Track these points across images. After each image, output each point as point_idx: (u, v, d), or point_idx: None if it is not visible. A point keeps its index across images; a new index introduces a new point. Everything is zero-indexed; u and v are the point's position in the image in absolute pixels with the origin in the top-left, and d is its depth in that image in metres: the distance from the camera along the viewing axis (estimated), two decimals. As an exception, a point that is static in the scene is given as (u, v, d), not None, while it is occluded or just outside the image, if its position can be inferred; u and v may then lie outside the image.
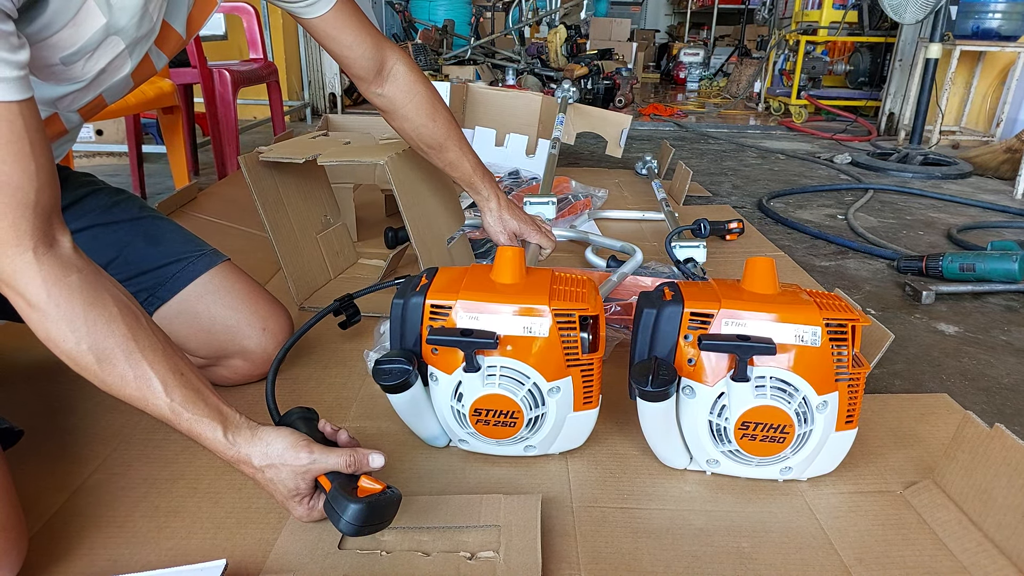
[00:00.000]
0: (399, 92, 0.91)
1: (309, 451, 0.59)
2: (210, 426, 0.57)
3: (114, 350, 0.54)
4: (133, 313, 0.57)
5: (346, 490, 0.58)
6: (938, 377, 0.99)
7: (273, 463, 0.59)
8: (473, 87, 2.10)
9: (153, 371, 0.56)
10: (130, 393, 0.55)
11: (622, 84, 3.82)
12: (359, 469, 0.61)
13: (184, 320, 0.81)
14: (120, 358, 0.55)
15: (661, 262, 1.27)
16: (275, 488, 0.60)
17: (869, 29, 3.42)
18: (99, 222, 0.81)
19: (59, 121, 0.70)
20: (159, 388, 0.55)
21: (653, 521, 0.65)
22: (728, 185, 2.18)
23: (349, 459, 0.60)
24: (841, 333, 0.65)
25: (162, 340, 0.58)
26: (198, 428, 0.57)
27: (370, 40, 0.87)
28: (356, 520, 0.56)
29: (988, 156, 2.47)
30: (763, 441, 0.66)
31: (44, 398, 0.84)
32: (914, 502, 0.68)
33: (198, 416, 0.57)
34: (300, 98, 3.38)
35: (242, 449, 0.58)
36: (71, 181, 0.83)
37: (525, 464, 0.74)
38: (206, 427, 0.57)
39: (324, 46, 0.86)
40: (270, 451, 0.59)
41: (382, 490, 0.59)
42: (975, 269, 1.29)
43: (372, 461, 0.61)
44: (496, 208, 1.01)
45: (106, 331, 0.54)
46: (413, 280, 0.73)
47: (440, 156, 0.97)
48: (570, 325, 0.67)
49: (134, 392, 0.55)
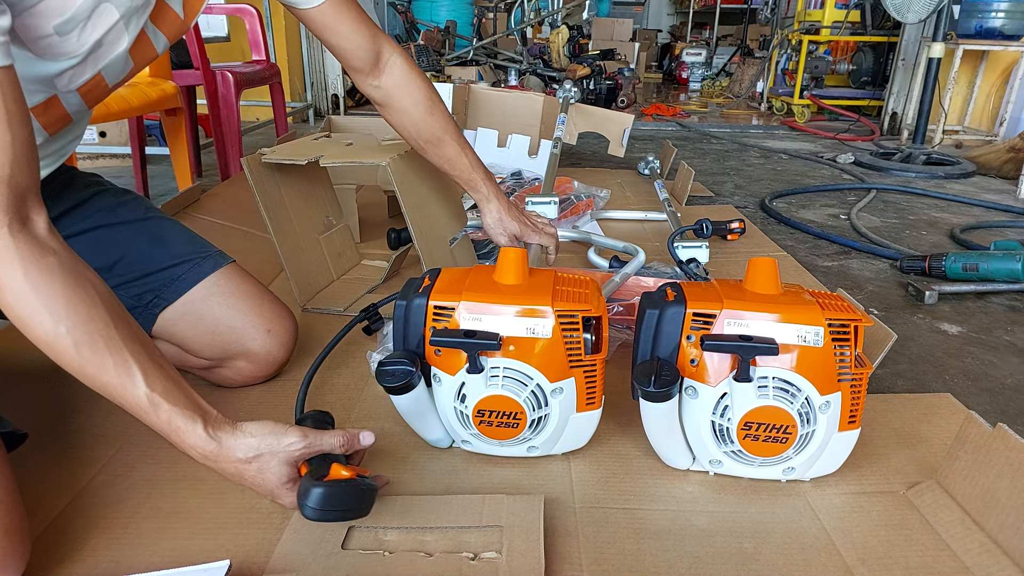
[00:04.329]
0: (396, 84, 0.91)
1: (302, 435, 0.58)
2: (190, 419, 0.55)
3: (94, 335, 0.52)
4: (114, 299, 0.56)
5: (316, 476, 0.57)
6: (941, 377, 0.99)
7: (261, 453, 0.57)
8: (475, 88, 2.10)
9: (134, 359, 0.53)
10: (107, 380, 0.53)
11: (624, 84, 3.82)
12: (351, 448, 0.61)
13: (189, 321, 0.82)
14: (100, 344, 0.52)
15: (664, 262, 1.27)
16: (264, 479, 0.58)
17: (872, 28, 3.41)
18: (105, 223, 0.81)
19: (59, 104, 0.68)
20: (139, 377, 0.53)
21: (655, 522, 0.65)
22: (731, 185, 2.18)
23: (343, 439, 0.60)
24: (844, 333, 0.65)
25: (141, 331, 0.57)
26: (177, 421, 0.55)
27: (366, 31, 0.87)
28: (317, 503, 0.55)
29: (991, 155, 2.46)
30: (766, 441, 0.66)
31: (48, 400, 0.85)
32: (917, 503, 0.68)
33: (178, 408, 0.55)
34: (303, 99, 3.39)
35: (225, 443, 0.56)
36: (77, 182, 0.83)
37: (528, 465, 0.74)
38: (186, 421, 0.55)
39: (321, 38, 0.86)
40: (255, 442, 0.57)
41: (351, 477, 0.58)
42: (978, 269, 1.29)
43: (363, 439, 0.61)
44: (496, 209, 1.00)
45: (87, 315, 0.52)
46: (416, 281, 0.73)
47: (438, 152, 0.96)
48: (573, 326, 0.67)
49: (112, 380, 0.53)
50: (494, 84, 3.97)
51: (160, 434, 0.56)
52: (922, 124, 2.48)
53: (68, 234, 0.79)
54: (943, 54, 2.40)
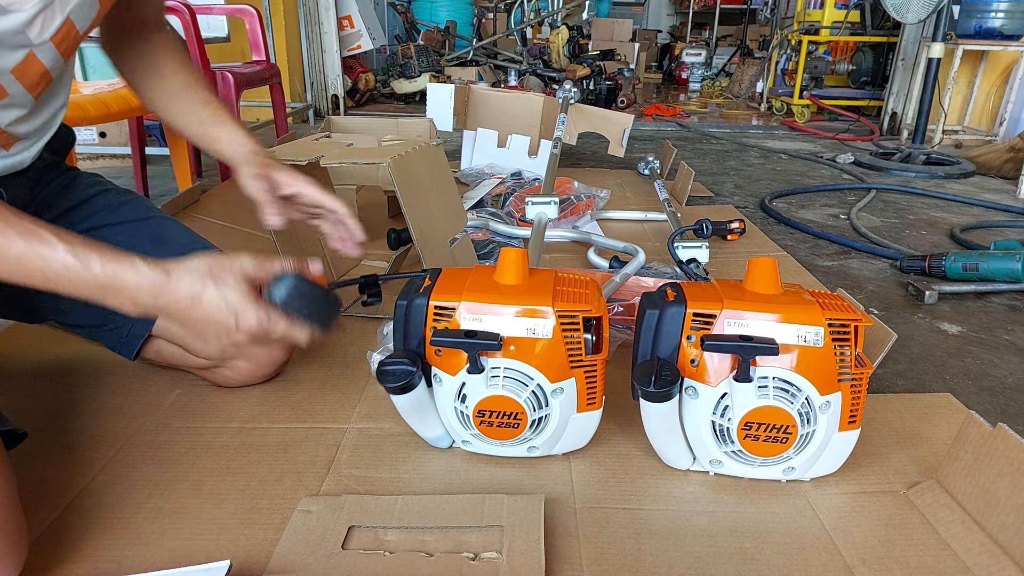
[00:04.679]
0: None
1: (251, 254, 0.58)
2: (127, 261, 0.52)
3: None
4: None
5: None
6: (941, 377, 0.99)
7: (213, 270, 0.55)
8: (475, 89, 2.10)
9: (44, 229, 0.51)
10: (20, 251, 0.50)
11: (624, 85, 3.82)
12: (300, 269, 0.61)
13: (189, 321, 0.82)
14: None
15: (664, 262, 1.27)
16: (224, 298, 0.55)
17: (871, 29, 3.41)
18: (107, 222, 0.81)
19: (37, 60, 0.65)
20: (55, 241, 0.51)
21: (656, 522, 0.65)
22: (730, 185, 2.18)
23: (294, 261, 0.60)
24: (844, 333, 0.65)
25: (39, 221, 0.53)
26: (113, 267, 0.51)
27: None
28: (283, 289, 0.55)
29: (991, 155, 2.46)
30: (766, 441, 0.66)
31: (48, 400, 0.85)
32: (917, 502, 0.68)
33: (109, 256, 0.51)
34: (302, 100, 3.39)
35: (173, 271, 0.53)
36: (79, 182, 0.83)
37: (528, 464, 0.74)
38: (122, 263, 0.51)
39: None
40: (205, 262, 0.55)
41: (321, 282, 0.59)
42: (978, 269, 1.29)
43: (311, 265, 0.62)
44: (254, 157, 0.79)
45: None
46: (416, 281, 0.73)
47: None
48: (574, 326, 0.67)
49: (24, 249, 0.49)
50: (494, 84, 3.97)
51: (95, 296, 0.52)
52: (922, 124, 2.48)
53: None
54: (943, 54, 2.40)
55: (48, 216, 0.78)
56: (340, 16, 3.45)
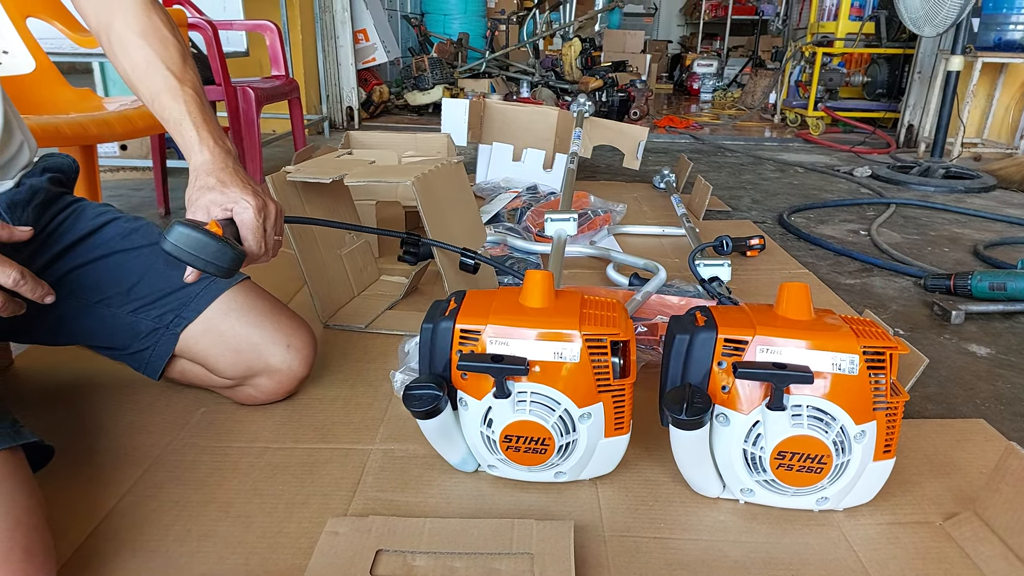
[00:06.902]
0: None
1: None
2: None
3: None
4: None
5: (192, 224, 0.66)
6: (972, 401, 0.97)
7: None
8: (490, 103, 2.11)
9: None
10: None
11: (637, 96, 3.82)
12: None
13: (211, 339, 0.82)
14: None
15: (685, 280, 1.26)
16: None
17: (887, 40, 3.39)
18: (121, 248, 0.82)
19: None
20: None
21: (687, 552, 0.64)
22: (747, 199, 2.16)
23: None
24: (879, 361, 0.63)
25: None
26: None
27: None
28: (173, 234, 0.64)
29: (1012, 169, 2.43)
30: (800, 471, 0.64)
31: (74, 418, 0.85)
32: (955, 534, 0.66)
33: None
34: (318, 112, 3.42)
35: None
36: (87, 212, 0.84)
37: (555, 490, 0.73)
38: None
39: None
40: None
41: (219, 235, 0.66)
42: (1006, 288, 1.27)
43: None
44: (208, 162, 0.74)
45: None
46: (442, 304, 0.72)
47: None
48: (601, 350, 0.67)
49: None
50: (506, 96, 3.99)
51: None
52: (940, 137, 2.46)
53: (84, 261, 0.81)
54: (962, 67, 2.38)
55: (59, 247, 0.80)
56: (355, 30, 3.49)
